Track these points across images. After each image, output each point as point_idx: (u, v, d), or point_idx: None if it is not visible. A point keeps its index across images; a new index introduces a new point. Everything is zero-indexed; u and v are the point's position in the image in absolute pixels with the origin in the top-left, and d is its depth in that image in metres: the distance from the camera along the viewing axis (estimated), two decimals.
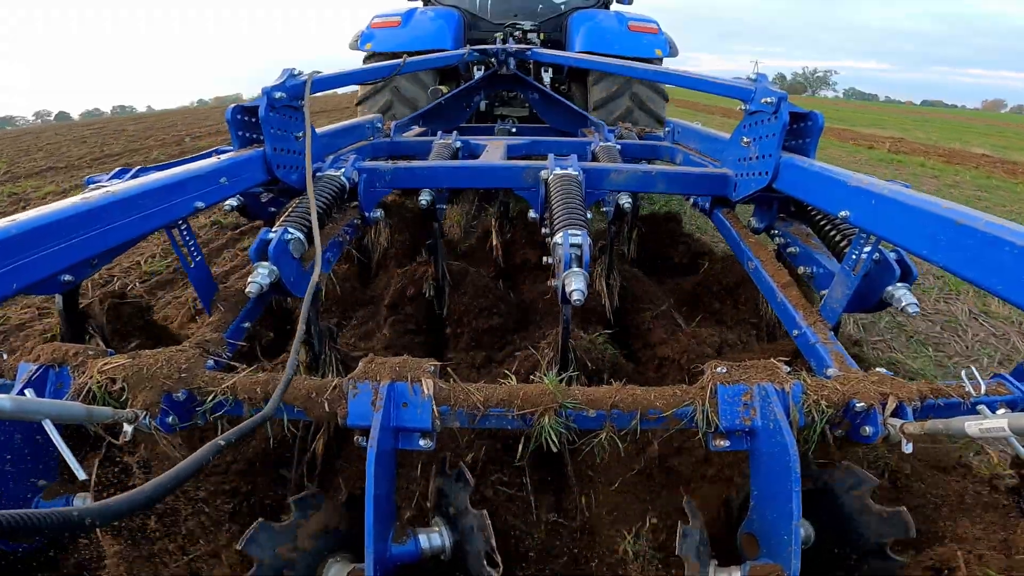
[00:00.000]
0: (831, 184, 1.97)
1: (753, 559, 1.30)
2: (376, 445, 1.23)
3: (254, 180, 2.30)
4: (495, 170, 2.69)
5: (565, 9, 5.98)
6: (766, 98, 2.35)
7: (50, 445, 1.12)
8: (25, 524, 0.62)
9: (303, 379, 1.42)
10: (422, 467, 1.70)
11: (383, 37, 5.24)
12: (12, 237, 1.32)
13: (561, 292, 1.62)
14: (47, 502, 1.43)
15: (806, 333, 1.88)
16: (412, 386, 1.35)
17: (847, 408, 1.36)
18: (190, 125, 15.12)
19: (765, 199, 2.54)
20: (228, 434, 1.04)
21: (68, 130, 14.54)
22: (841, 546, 1.43)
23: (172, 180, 1.86)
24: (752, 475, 1.39)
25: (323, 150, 2.87)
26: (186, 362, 1.42)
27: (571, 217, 1.94)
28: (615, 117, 5.06)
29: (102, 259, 1.80)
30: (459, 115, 4.78)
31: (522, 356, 2.19)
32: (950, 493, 1.60)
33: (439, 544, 1.44)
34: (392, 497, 1.41)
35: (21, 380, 1.36)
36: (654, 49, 5.19)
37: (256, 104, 2.30)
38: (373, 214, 2.64)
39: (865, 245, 1.78)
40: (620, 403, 1.37)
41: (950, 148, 15.05)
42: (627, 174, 2.63)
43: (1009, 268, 1.27)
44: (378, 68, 3.77)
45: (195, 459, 0.94)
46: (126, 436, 1.31)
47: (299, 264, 1.88)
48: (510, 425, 1.40)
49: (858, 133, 18.41)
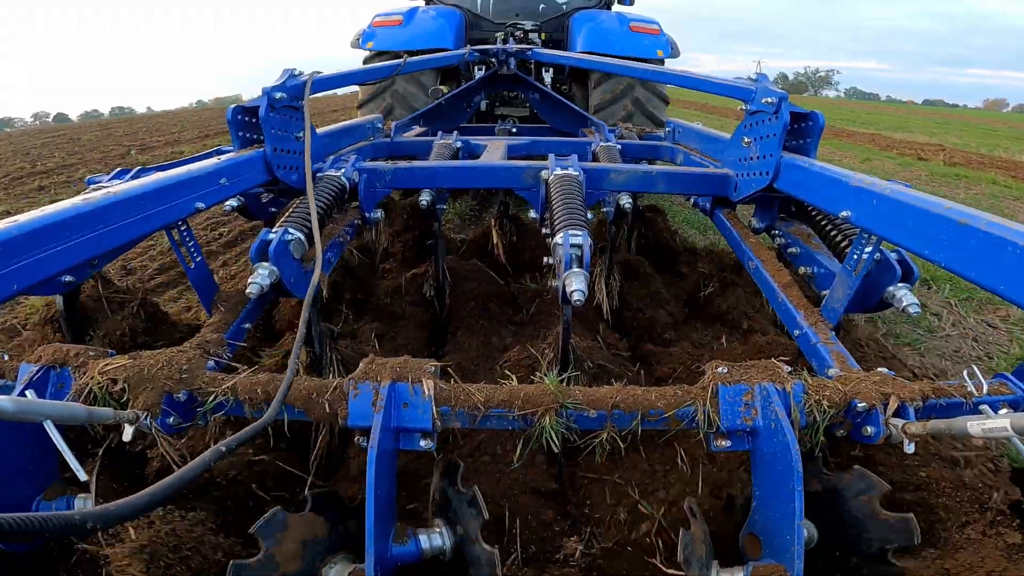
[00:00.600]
0: (832, 184, 1.97)
1: (756, 559, 1.30)
2: (377, 445, 1.23)
3: (254, 180, 2.30)
4: (495, 170, 2.69)
5: (567, 9, 5.99)
6: (767, 98, 2.35)
7: (51, 446, 1.11)
8: (26, 527, 0.62)
9: (304, 380, 1.42)
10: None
11: (384, 36, 5.25)
12: (13, 238, 1.32)
13: (561, 292, 1.62)
14: (48, 503, 1.42)
15: (807, 333, 1.87)
16: (413, 387, 1.35)
17: (849, 408, 1.36)
18: (152, 133, 13.59)
19: (766, 199, 2.54)
20: (230, 440, 1.04)
21: (26, 138, 12.73)
22: (844, 549, 1.43)
23: (172, 181, 1.86)
24: (754, 475, 1.39)
25: (323, 150, 2.87)
26: (187, 363, 1.42)
27: (571, 217, 1.93)
28: (615, 121, 5.07)
29: (103, 260, 1.80)
30: (459, 115, 4.78)
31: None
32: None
33: (439, 544, 1.43)
34: (393, 497, 1.41)
35: (22, 381, 1.36)
36: (655, 50, 5.20)
37: (256, 104, 2.29)
38: (373, 214, 2.64)
39: (866, 245, 1.78)
40: (621, 403, 1.37)
41: (1001, 157, 13.17)
42: (627, 174, 2.62)
43: (1011, 268, 1.27)
44: (378, 68, 3.77)
45: (197, 464, 0.94)
46: (127, 437, 1.31)
47: (299, 265, 1.88)
48: (511, 425, 1.40)
49: (891, 139, 16.47)
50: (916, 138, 17.55)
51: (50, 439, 1.08)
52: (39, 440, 1.38)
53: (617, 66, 3.85)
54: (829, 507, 1.43)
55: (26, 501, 1.40)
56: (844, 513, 1.42)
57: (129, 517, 0.79)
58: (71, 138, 12.45)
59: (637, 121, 5.16)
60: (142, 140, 12.11)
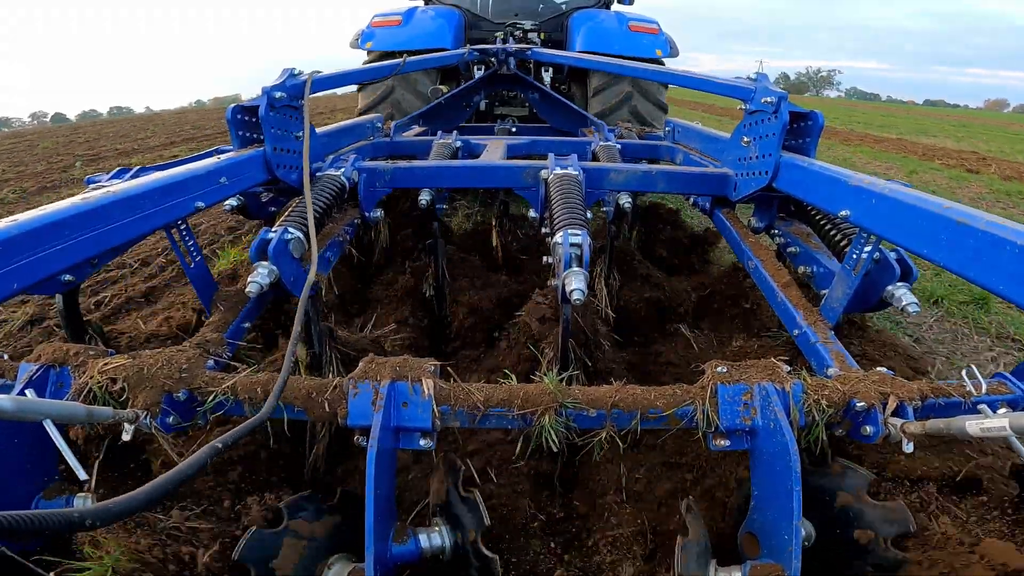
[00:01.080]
0: (831, 183, 1.97)
1: (754, 559, 1.30)
2: (376, 445, 1.23)
3: (254, 180, 2.30)
4: (495, 170, 2.69)
5: (566, 9, 5.98)
6: (766, 98, 2.35)
7: (50, 445, 1.12)
8: (26, 525, 0.62)
9: (303, 379, 1.42)
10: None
11: (383, 36, 5.24)
12: (12, 237, 1.32)
13: (561, 292, 1.62)
14: (48, 502, 1.43)
15: (806, 333, 1.87)
16: (412, 386, 1.35)
17: (848, 408, 1.36)
18: (118, 139, 12.33)
19: (765, 199, 2.54)
20: (226, 436, 1.05)
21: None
22: (841, 543, 1.43)
23: (172, 180, 1.86)
24: (752, 474, 1.39)
25: (323, 150, 2.87)
26: (186, 362, 1.42)
27: (571, 217, 1.94)
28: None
29: (102, 259, 1.80)
30: (459, 115, 4.78)
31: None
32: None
33: (439, 544, 1.43)
34: (392, 497, 1.41)
35: (22, 380, 1.36)
36: (654, 49, 5.19)
37: (256, 104, 2.29)
38: (373, 214, 2.64)
39: (865, 244, 1.78)
40: (620, 403, 1.37)
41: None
42: (627, 174, 2.63)
43: (1010, 267, 1.27)
44: (378, 68, 3.77)
45: (194, 460, 0.94)
46: (126, 436, 1.31)
47: (299, 264, 1.88)
48: (510, 425, 1.40)
49: (920, 145, 15.11)
50: (943, 143, 16.23)
51: (49, 438, 1.09)
52: (38, 439, 1.38)
53: (616, 66, 3.85)
54: (817, 502, 1.43)
55: (26, 500, 1.40)
56: (832, 507, 1.42)
57: (129, 514, 0.79)
58: (31, 144, 11.45)
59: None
60: (99, 149, 10.94)
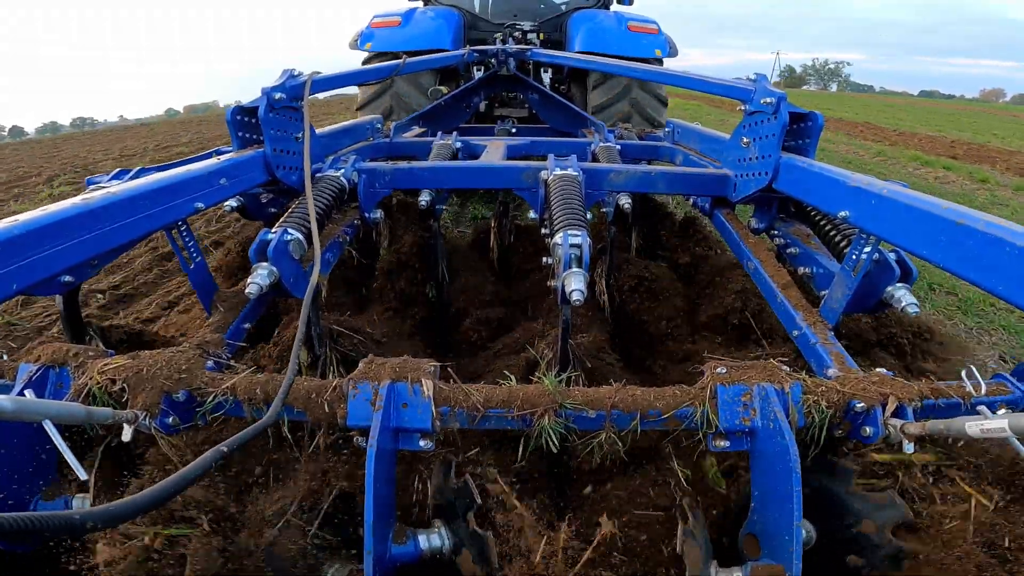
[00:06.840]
0: (831, 184, 1.97)
1: (754, 560, 1.30)
2: (376, 445, 1.23)
3: (254, 181, 2.30)
4: (495, 170, 2.69)
5: (565, 9, 5.99)
6: (765, 98, 2.35)
7: (50, 445, 1.11)
8: (26, 526, 0.62)
9: (303, 380, 1.42)
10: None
11: (383, 37, 5.25)
12: (12, 238, 1.32)
13: (561, 292, 1.62)
14: (47, 503, 1.42)
15: (806, 333, 1.87)
16: (412, 386, 1.35)
17: (847, 409, 1.36)
18: (51, 158, 10.52)
19: (765, 199, 2.54)
20: (230, 441, 1.04)
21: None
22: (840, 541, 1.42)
23: (172, 181, 1.86)
24: (752, 475, 1.38)
25: (323, 151, 2.87)
26: (186, 363, 1.41)
27: (571, 217, 1.93)
28: (613, 122, 5.07)
29: (102, 260, 1.80)
30: (459, 116, 4.78)
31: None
32: None
33: (439, 544, 1.43)
34: (392, 497, 1.41)
35: (21, 380, 1.36)
36: (654, 49, 5.21)
37: (255, 105, 2.30)
38: (373, 215, 2.64)
39: (865, 245, 1.78)
40: (620, 404, 1.37)
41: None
42: (627, 175, 2.63)
43: (1009, 268, 1.27)
44: (378, 69, 3.77)
45: (197, 465, 0.94)
46: (126, 437, 1.31)
47: (299, 265, 1.88)
48: (510, 425, 1.39)
49: (968, 146, 13.80)
50: (986, 141, 14.70)
51: (49, 439, 1.08)
52: (38, 440, 1.38)
53: (615, 66, 3.85)
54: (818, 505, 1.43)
55: (25, 501, 1.40)
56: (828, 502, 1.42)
57: (130, 517, 0.79)
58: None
59: (635, 123, 5.16)
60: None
